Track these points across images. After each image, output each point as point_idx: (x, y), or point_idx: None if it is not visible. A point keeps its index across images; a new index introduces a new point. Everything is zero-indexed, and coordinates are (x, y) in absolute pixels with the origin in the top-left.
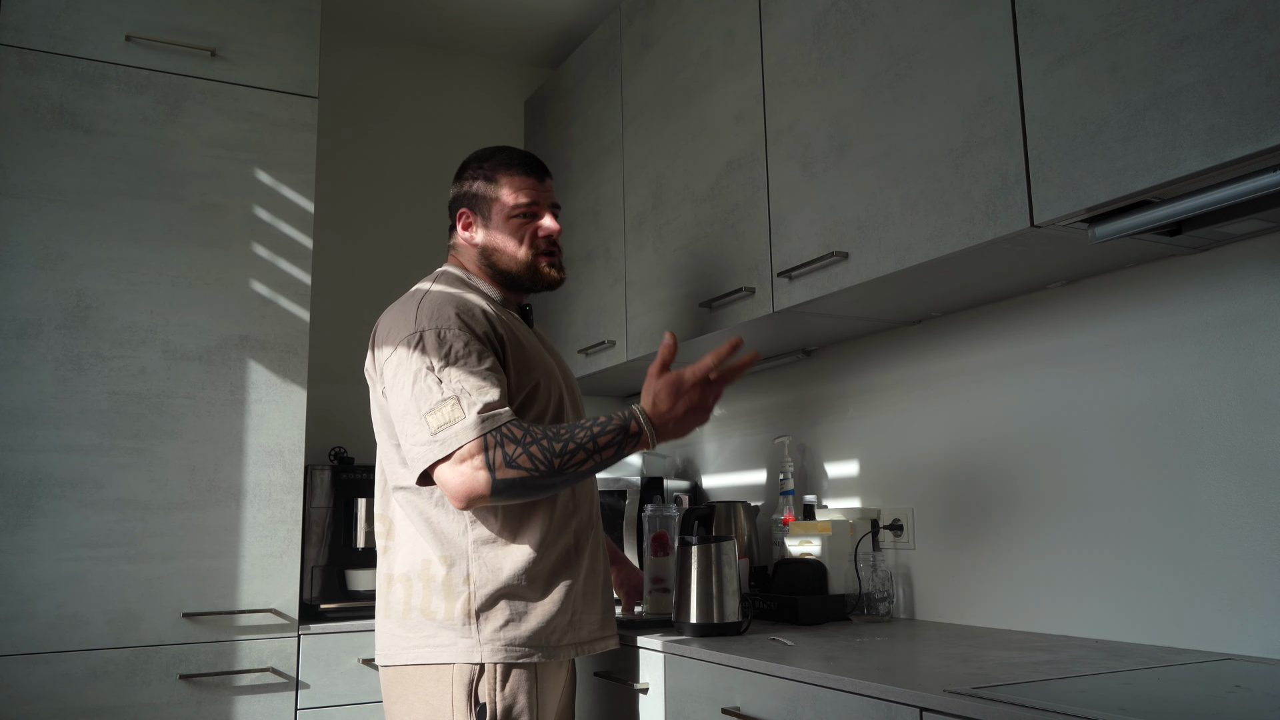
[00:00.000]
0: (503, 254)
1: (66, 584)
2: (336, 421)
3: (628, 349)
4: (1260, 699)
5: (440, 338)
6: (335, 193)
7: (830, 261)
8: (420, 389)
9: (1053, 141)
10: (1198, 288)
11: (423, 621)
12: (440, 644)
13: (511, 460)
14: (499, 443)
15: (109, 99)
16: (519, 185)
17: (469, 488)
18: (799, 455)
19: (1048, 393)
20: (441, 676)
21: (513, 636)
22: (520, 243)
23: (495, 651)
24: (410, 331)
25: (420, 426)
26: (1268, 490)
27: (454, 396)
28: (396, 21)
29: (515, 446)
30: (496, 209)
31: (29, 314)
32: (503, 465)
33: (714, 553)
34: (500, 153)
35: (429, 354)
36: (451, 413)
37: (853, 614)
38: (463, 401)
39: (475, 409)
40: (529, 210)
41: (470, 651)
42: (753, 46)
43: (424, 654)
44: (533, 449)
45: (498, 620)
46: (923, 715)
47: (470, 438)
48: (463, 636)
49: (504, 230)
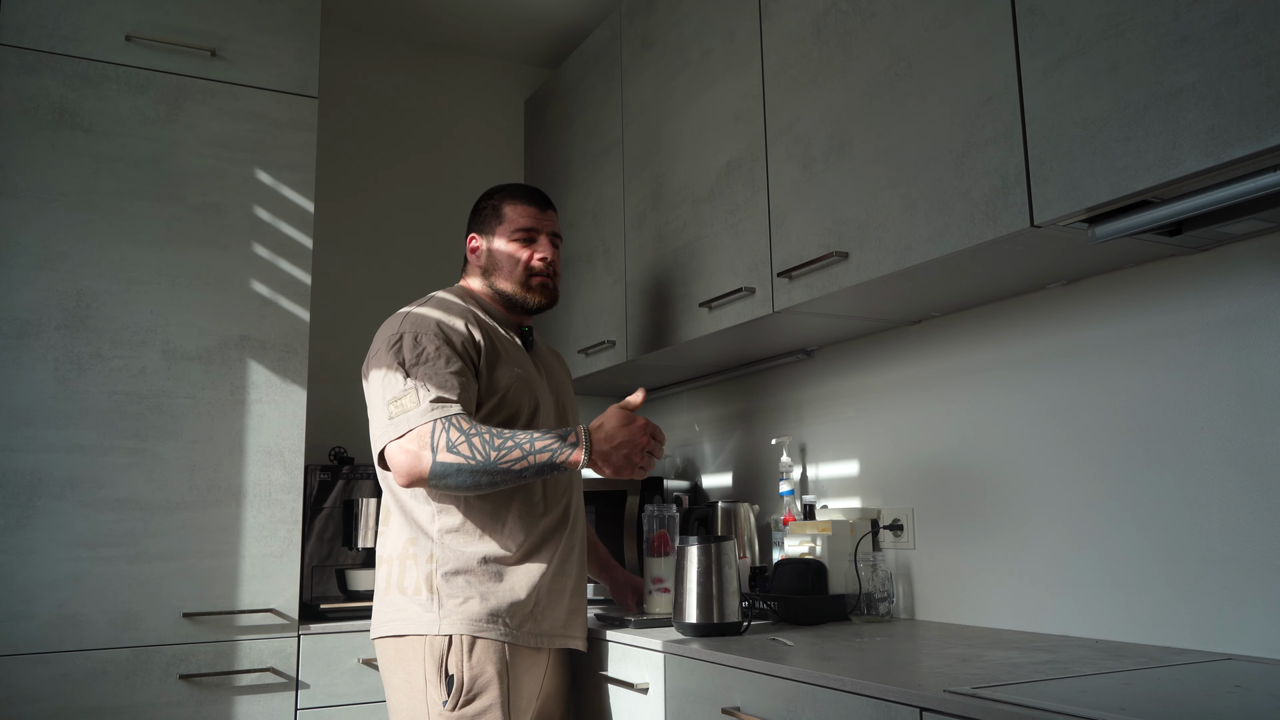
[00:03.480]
0: (500, 271)
1: (67, 584)
2: (336, 421)
3: (627, 349)
4: (1260, 699)
5: (416, 341)
6: (335, 193)
7: (830, 261)
8: (388, 381)
9: (1053, 141)
10: (1198, 288)
11: (397, 597)
12: (407, 617)
13: (453, 446)
14: (445, 429)
15: (109, 99)
16: (520, 212)
17: (410, 465)
18: (799, 455)
19: (1047, 393)
20: (417, 650)
21: (474, 611)
22: (516, 263)
23: (456, 624)
24: (392, 333)
25: (382, 412)
26: (1268, 490)
27: (413, 388)
28: (396, 21)
29: (459, 435)
30: (500, 231)
31: (29, 314)
32: (444, 449)
33: (714, 553)
34: (507, 187)
35: (403, 353)
36: (408, 400)
37: (853, 614)
38: (419, 391)
39: (429, 398)
40: (527, 235)
41: (432, 624)
42: (753, 46)
43: (395, 626)
44: (475, 440)
45: (459, 596)
46: (923, 715)
47: (420, 421)
48: (425, 610)
49: (503, 251)
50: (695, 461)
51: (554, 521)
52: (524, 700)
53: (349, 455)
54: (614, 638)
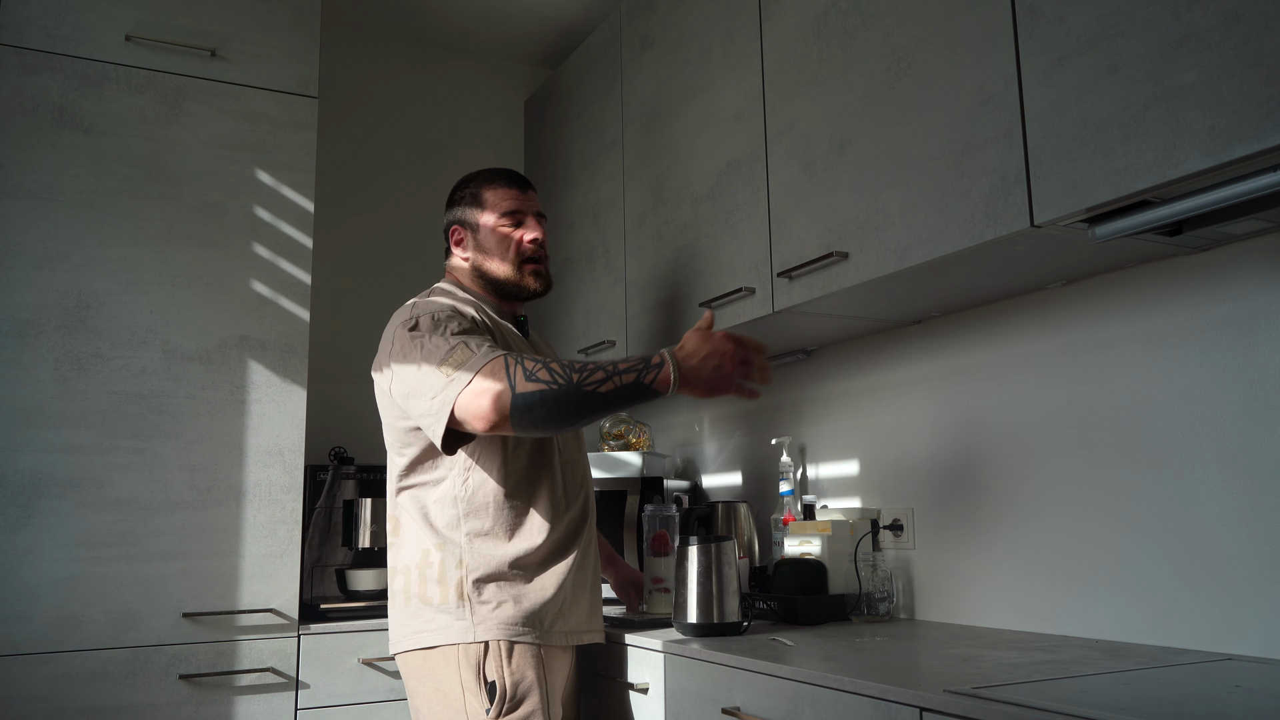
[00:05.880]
0: (490, 261)
1: (66, 584)
2: (336, 421)
3: (628, 349)
4: (1260, 699)
5: (435, 319)
6: (335, 193)
7: (830, 261)
8: (427, 350)
9: (1053, 141)
10: (1198, 288)
11: (421, 608)
12: (437, 627)
13: (531, 374)
14: (519, 361)
15: (109, 99)
16: (502, 196)
17: (490, 405)
18: (799, 455)
19: (1048, 393)
20: (449, 659)
21: (509, 616)
22: (506, 251)
23: (491, 629)
24: (408, 318)
25: (434, 377)
26: (1268, 490)
27: (461, 342)
28: (396, 21)
29: (534, 363)
30: (483, 221)
31: (29, 314)
32: (522, 379)
33: (714, 553)
34: (483, 173)
35: (427, 329)
36: (460, 354)
37: (853, 614)
38: (470, 344)
39: (483, 346)
40: (513, 220)
41: (465, 632)
42: (753, 46)
43: (423, 638)
44: (552, 365)
45: (491, 601)
46: (923, 715)
47: (484, 361)
48: (457, 619)
49: (490, 241)
50: (695, 461)
51: (577, 515)
52: (559, 701)
53: (349, 455)
54: (614, 638)
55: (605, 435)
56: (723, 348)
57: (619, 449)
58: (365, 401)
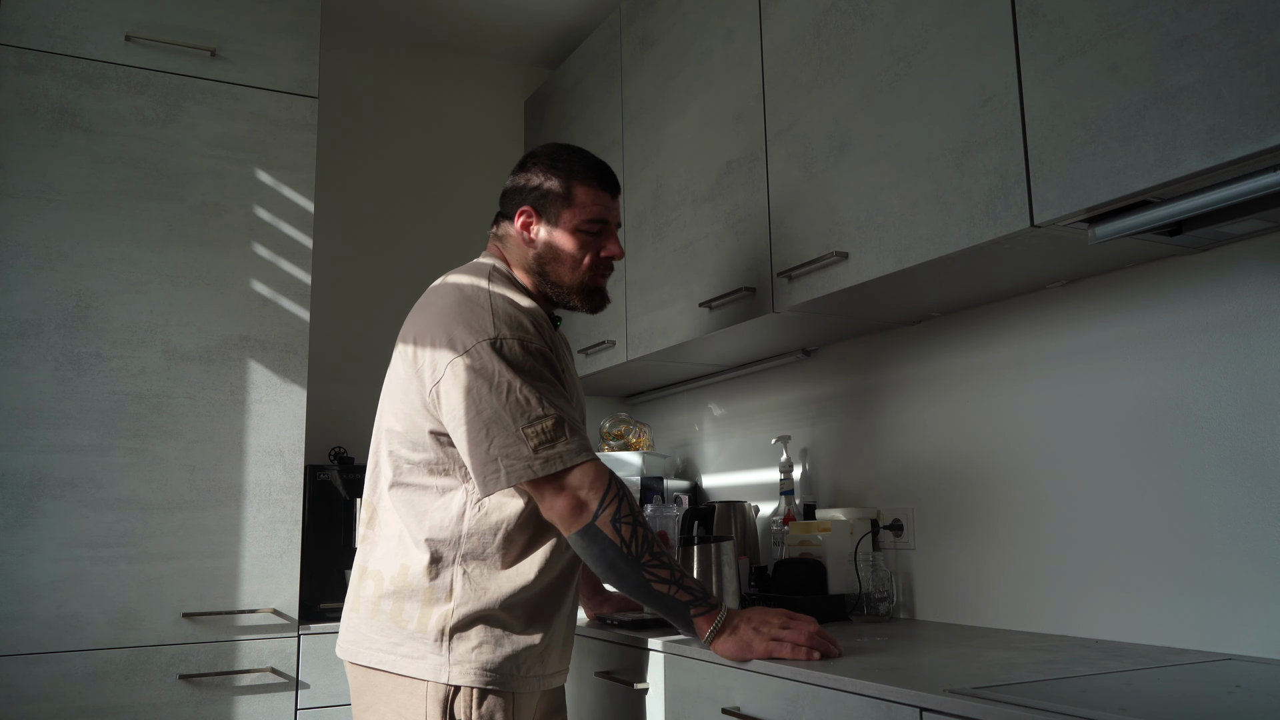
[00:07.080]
0: (559, 265)
1: (66, 584)
2: (336, 421)
3: (628, 349)
4: (1260, 699)
5: (525, 349)
6: (335, 193)
7: (830, 261)
8: (513, 398)
9: (1053, 141)
10: (1198, 288)
11: (390, 626)
12: (407, 655)
13: (618, 520)
14: (619, 497)
15: (109, 99)
16: (594, 198)
17: (567, 510)
18: (799, 455)
19: (1048, 393)
20: (415, 690)
21: (485, 661)
22: (581, 259)
23: (466, 674)
24: (491, 336)
25: (511, 432)
26: (1268, 490)
27: (555, 417)
28: (396, 21)
29: (629, 512)
30: (565, 216)
31: (29, 314)
32: (609, 519)
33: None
34: (578, 157)
35: (512, 366)
36: (554, 432)
37: (853, 614)
38: (566, 425)
39: (576, 436)
40: (598, 227)
41: (439, 670)
42: (753, 46)
43: (389, 661)
44: (638, 530)
45: (472, 642)
46: (923, 715)
47: (577, 461)
48: (432, 653)
49: (567, 241)
50: (695, 461)
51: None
52: None
53: (349, 455)
54: (614, 637)
55: (605, 435)
56: (790, 621)
57: (619, 449)
58: (365, 401)
